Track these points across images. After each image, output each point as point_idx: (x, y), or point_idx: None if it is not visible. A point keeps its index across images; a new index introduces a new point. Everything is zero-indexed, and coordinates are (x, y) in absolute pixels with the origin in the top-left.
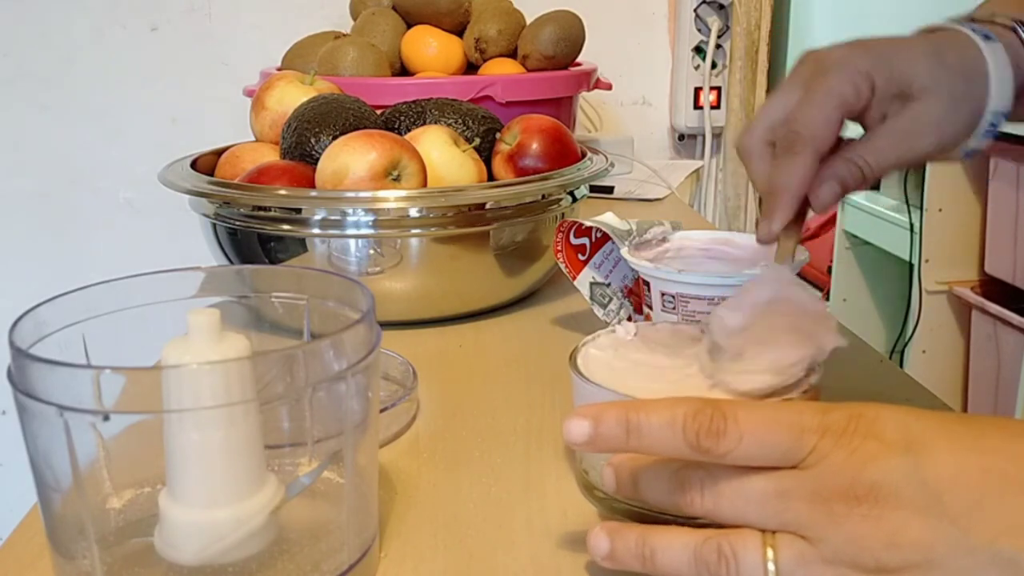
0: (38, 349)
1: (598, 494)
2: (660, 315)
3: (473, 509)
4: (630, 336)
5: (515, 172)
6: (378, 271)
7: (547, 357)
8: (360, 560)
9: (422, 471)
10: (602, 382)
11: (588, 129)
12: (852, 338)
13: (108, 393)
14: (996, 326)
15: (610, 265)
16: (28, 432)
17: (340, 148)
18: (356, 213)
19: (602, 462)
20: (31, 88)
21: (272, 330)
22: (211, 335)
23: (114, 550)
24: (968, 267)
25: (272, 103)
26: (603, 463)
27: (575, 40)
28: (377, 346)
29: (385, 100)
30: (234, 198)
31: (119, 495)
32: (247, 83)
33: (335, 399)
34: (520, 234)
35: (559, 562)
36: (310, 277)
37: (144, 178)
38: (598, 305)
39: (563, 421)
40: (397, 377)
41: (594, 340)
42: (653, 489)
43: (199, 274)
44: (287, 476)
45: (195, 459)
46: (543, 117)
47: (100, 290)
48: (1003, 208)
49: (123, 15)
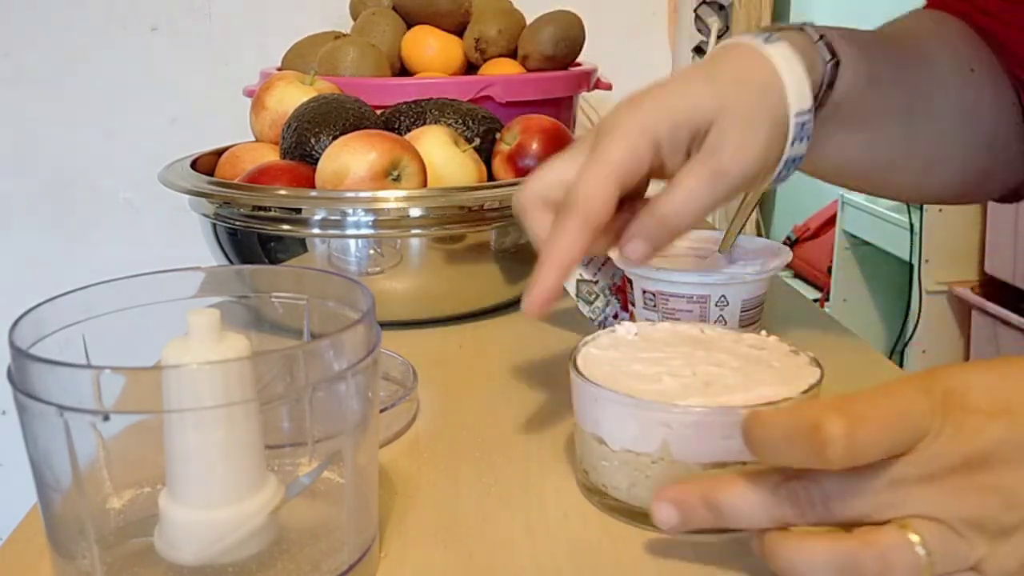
0: (38, 349)
1: (598, 495)
2: (642, 312)
3: (473, 509)
4: (631, 336)
5: (515, 172)
6: (378, 271)
7: (547, 357)
8: (360, 560)
9: (422, 471)
10: (602, 382)
11: (588, 129)
12: (852, 338)
13: (108, 393)
14: (996, 326)
15: (599, 262)
16: (28, 432)
17: (340, 148)
18: (356, 213)
19: (603, 462)
20: (31, 88)
21: (272, 330)
22: (211, 335)
23: (114, 550)
24: (968, 267)
25: (272, 103)
26: (604, 463)
27: (575, 40)
28: (377, 346)
29: (385, 100)
30: (234, 198)
31: (119, 495)
32: (247, 83)
33: (335, 399)
34: (520, 234)
35: (559, 562)
36: (310, 277)
37: (144, 178)
38: (584, 302)
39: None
40: (397, 377)
41: (595, 340)
42: (746, 513)
43: (199, 274)
44: (287, 476)
45: (195, 459)
46: (543, 117)
47: (100, 290)
48: (1003, 208)
49: (123, 15)
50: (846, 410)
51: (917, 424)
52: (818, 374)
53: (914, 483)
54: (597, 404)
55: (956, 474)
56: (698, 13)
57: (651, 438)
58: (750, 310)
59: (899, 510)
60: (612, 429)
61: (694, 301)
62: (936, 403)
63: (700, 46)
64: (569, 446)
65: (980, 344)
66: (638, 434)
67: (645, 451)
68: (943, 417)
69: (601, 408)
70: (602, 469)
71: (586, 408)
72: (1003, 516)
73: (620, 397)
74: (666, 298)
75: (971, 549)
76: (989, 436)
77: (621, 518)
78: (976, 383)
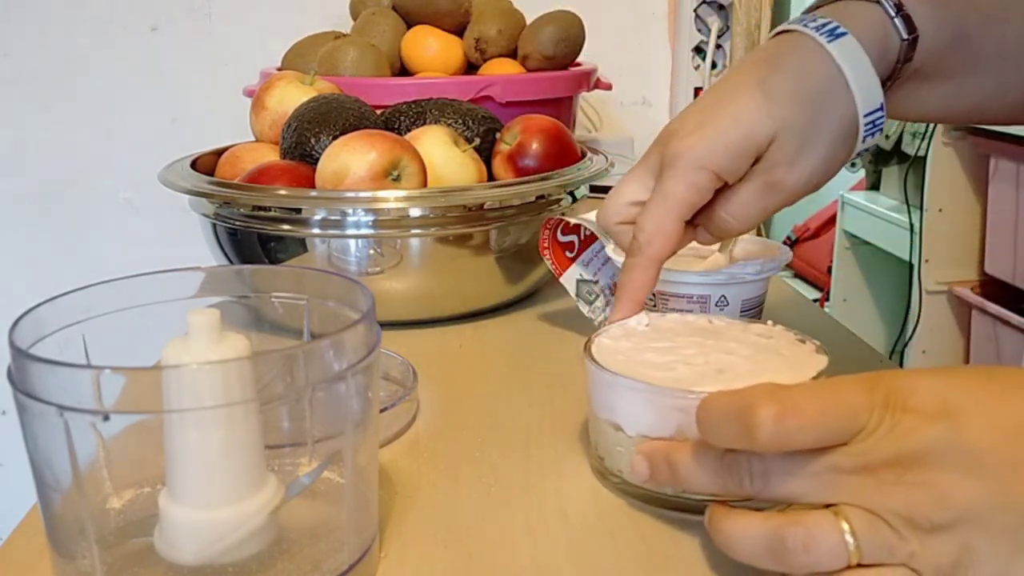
0: (38, 349)
1: (613, 479)
2: None
3: (473, 509)
4: (642, 326)
5: (515, 172)
6: (378, 271)
7: (547, 357)
8: (360, 560)
9: (422, 471)
10: (619, 370)
11: (588, 129)
12: (852, 338)
13: (108, 393)
14: (996, 326)
15: (599, 263)
16: (28, 432)
17: (340, 148)
18: (356, 213)
19: (619, 448)
20: (31, 88)
21: (272, 330)
22: (211, 335)
23: (114, 550)
24: (968, 267)
25: (272, 103)
26: (619, 449)
27: (575, 40)
28: (377, 346)
29: (385, 100)
30: (234, 198)
31: (119, 495)
32: (247, 83)
33: (335, 399)
34: (520, 234)
35: (559, 562)
36: (310, 277)
37: (144, 178)
38: (584, 302)
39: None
40: (397, 377)
41: (607, 330)
42: (695, 474)
43: (199, 274)
44: (287, 476)
45: (195, 459)
46: (543, 117)
47: (100, 290)
48: (1003, 208)
49: (123, 15)
50: (781, 396)
51: (851, 417)
52: (825, 361)
53: (848, 472)
54: (614, 391)
55: (888, 468)
56: (698, 13)
57: (667, 424)
58: (750, 310)
59: (833, 496)
60: (629, 415)
61: (694, 301)
62: (876, 401)
63: (700, 46)
64: (569, 446)
65: (980, 344)
66: (654, 420)
67: (661, 437)
68: (881, 414)
69: (618, 395)
70: (618, 455)
71: (602, 396)
72: (934, 514)
73: (638, 384)
74: (666, 298)
75: (901, 542)
76: (924, 438)
77: (636, 501)
78: (921, 386)
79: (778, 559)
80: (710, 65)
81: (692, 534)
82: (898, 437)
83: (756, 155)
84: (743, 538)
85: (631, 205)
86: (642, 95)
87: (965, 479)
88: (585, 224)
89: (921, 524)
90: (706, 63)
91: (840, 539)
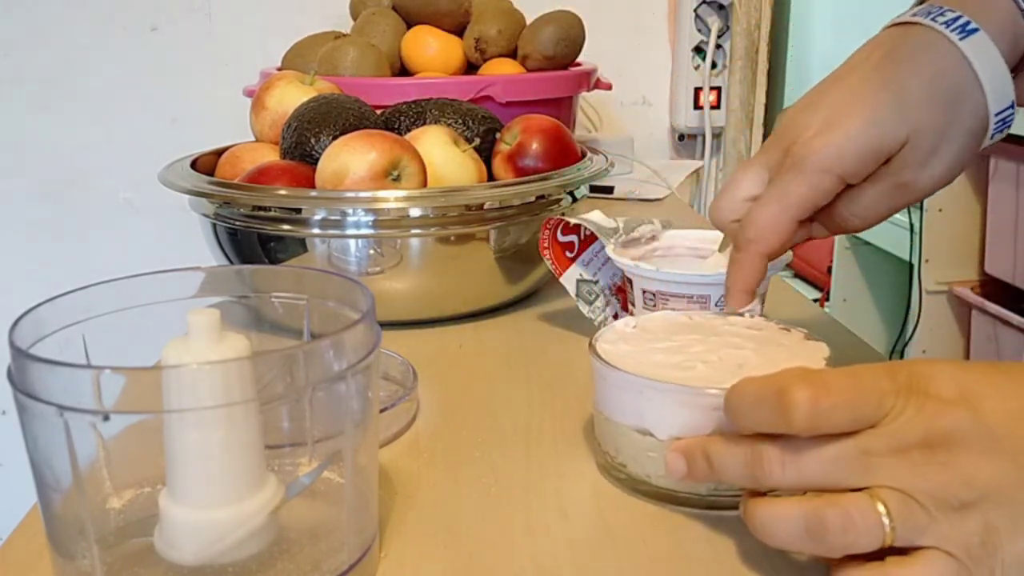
0: (38, 349)
1: (620, 475)
2: (642, 312)
3: (473, 509)
4: (630, 328)
5: (515, 172)
6: (378, 271)
7: (547, 357)
8: (360, 560)
9: (422, 471)
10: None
11: (588, 129)
12: (852, 338)
13: (108, 393)
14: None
15: (599, 263)
16: (28, 432)
17: (340, 148)
18: (356, 213)
19: (651, 453)
20: (31, 88)
21: (272, 330)
22: (211, 335)
23: (114, 550)
24: (968, 267)
25: (272, 103)
26: (651, 454)
27: (575, 40)
28: (377, 346)
29: (385, 100)
30: (234, 198)
31: (119, 495)
32: (247, 83)
33: (335, 399)
34: (520, 234)
35: (559, 562)
36: (310, 277)
37: (144, 178)
38: (584, 302)
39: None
40: (397, 377)
41: (602, 335)
42: (730, 467)
43: (199, 274)
44: (287, 476)
45: (195, 459)
46: (543, 117)
47: (100, 290)
48: (1003, 208)
49: (123, 15)
50: (813, 379)
51: (879, 401)
52: (824, 347)
53: (880, 454)
54: (643, 396)
55: (918, 450)
56: (698, 13)
57: (705, 424)
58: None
59: (865, 478)
60: (662, 419)
61: (694, 301)
62: (900, 385)
63: (700, 46)
64: (569, 446)
65: (980, 344)
66: (689, 422)
67: None
68: (906, 398)
69: (647, 400)
70: (647, 460)
71: (626, 402)
72: (961, 492)
73: (671, 387)
74: (666, 298)
75: (932, 522)
76: (948, 421)
77: (667, 506)
78: (939, 372)
79: (817, 540)
80: (710, 65)
81: (692, 534)
82: (926, 419)
83: (886, 159)
84: (781, 520)
85: (746, 201)
86: (642, 95)
87: (987, 459)
88: (585, 224)
89: (951, 503)
90: (706, 63)
91: (877, 520)
